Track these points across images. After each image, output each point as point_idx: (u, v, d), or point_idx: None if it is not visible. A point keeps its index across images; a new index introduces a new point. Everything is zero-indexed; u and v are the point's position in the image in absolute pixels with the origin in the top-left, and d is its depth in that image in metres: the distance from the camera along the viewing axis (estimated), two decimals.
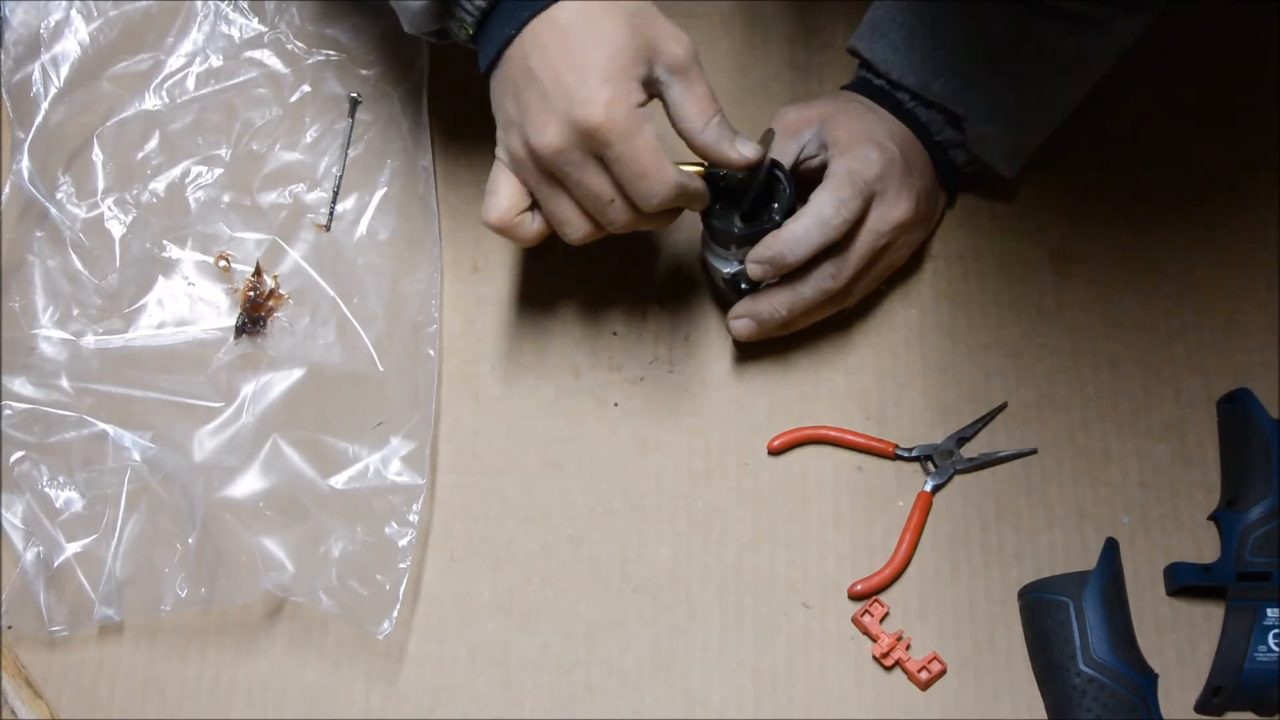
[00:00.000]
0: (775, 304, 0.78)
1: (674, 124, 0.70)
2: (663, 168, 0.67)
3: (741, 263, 0.77)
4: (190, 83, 0.88)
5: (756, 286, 0.78)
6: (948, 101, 0.79)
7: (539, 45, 0.67)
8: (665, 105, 0.70)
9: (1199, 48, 0.90)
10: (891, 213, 0.78)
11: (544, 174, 0.69)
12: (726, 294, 0.82)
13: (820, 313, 0.80)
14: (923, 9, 0.80)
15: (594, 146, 0.66)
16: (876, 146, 0.77)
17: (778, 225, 0.75)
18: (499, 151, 0.71)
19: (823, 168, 0.78)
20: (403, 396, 0.80)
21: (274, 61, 0.89)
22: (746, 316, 0.79)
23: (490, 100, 0.71)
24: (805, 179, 0.79)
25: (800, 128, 0.79)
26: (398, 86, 0.88)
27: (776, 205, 0.76)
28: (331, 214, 0.86)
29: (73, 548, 0.77)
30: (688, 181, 0.69)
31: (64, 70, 0.87)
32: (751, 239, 0.76)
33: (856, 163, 0.76)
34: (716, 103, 0.70)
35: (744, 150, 0.70)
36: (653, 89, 0.69)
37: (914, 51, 0.80)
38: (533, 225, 0.72)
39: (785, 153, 0.79)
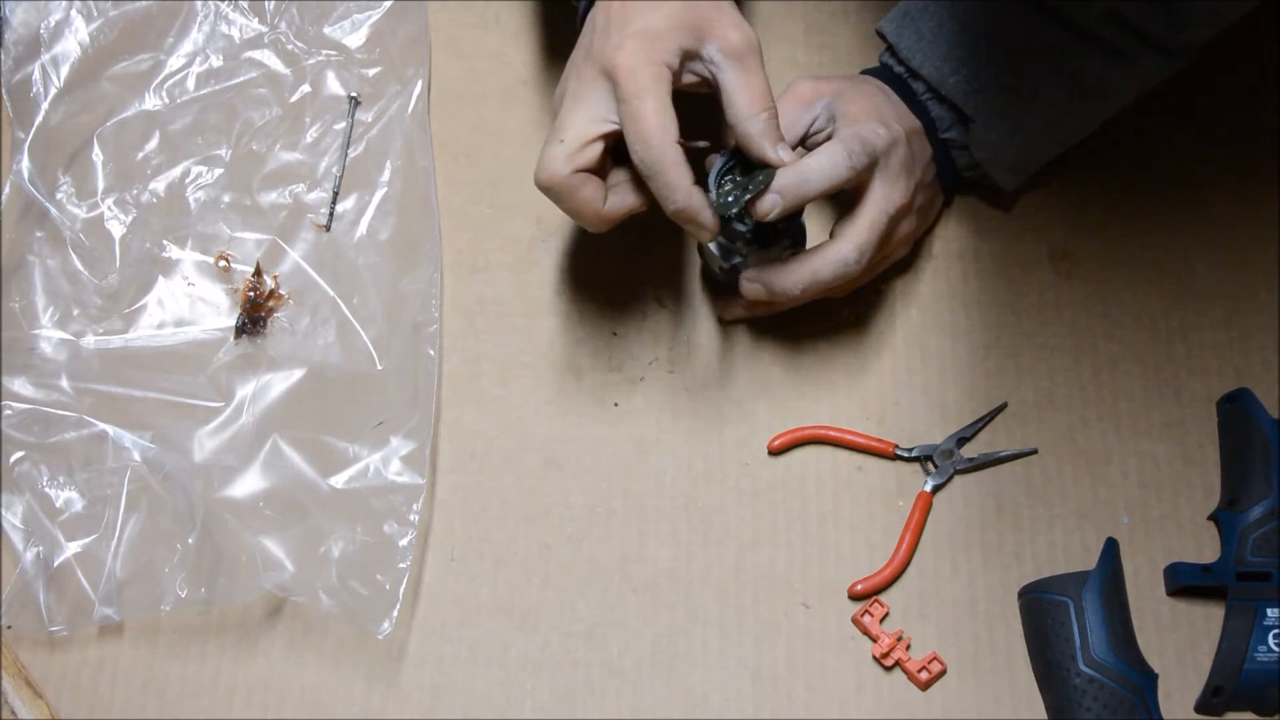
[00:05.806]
0: (789, 281, 0.76)
1: (724, 109, 0.71)
2: (665, 137, 0.68)
3: (743, 257, 0.77)
4: (190, 83, 0.88)
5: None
6: (960, 100, 0.79)
7: (610, 8, 0.70)
8: (718, 90, 0.70)
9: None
10: (892, 192, 0.77)
11: None
12: (719, 280, 0.82)
13: (815, 298, 0.79)
14: (957, 6, 0.80)
15: (615, 95, 0.69)
16: (884, 124, 0.77)
17: (790, 250, 0.77)
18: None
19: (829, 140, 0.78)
20: (403, 396, 0.80)
21: (274, 62, 0.89)
22: (759, 283, 0.77)
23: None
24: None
25: (813, 99, 0.79)
26: (398, 86, 0.88)
27: (788, 235, 0.77)
28: (331, 214, 0.86)
29: (73, 548, 0.77)
30: (687, 184, 0.69)
31: (64, 70, 0.87)
32: (761, 243, 0.76)
33: (865, 130, 0.76)
34: (772, 101, 0.70)
35: (782, 154, 0.71)
36: (700, 70, 0.70)
37: (939, 44, 0.80)
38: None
39: (796, 124, 0.78)
